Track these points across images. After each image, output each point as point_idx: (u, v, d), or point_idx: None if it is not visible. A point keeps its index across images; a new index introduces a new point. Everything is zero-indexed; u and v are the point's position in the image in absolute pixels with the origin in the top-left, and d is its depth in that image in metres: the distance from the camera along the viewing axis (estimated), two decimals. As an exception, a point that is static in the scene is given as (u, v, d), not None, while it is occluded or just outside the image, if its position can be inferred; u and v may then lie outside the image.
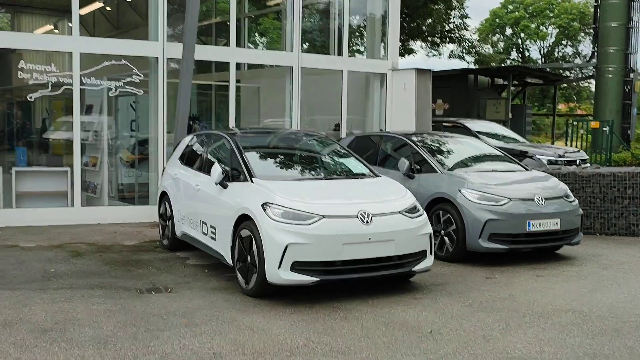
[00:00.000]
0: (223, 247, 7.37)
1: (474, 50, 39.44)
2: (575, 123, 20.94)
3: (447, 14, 28.22)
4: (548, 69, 24.10)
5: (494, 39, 53.82)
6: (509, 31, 53.85)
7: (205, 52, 11.02)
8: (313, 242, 6.35)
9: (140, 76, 11.11)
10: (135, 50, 11.23)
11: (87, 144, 11.54)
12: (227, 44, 12.78)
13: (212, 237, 7.67)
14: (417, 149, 9.54)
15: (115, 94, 11.11)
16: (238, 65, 12.61)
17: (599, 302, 6.60)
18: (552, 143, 22.56)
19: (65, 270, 7.94)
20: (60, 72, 10.82)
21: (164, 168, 9.69)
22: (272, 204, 6.59)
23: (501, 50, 52.65)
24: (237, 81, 16.58)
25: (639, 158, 19.25)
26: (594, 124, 19.66)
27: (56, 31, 19.44)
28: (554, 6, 52.59)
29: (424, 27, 27.72)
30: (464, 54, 39.80)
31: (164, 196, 9.37)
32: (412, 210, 7.02)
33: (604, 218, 10.93)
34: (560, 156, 13.24)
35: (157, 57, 11.17)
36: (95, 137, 11.53)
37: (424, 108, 12.86)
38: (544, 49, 54.06)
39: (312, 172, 7.67)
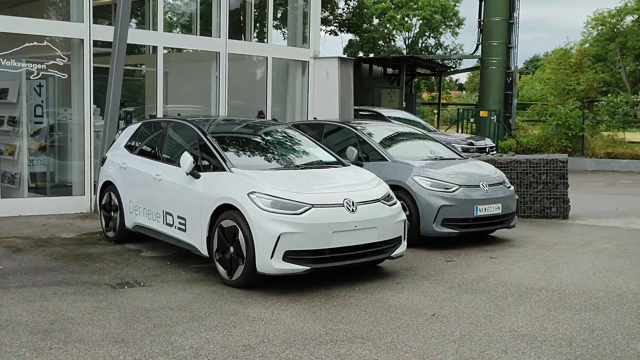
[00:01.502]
0: (195, 238, 7.21)
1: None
2: (461, 111, 22.09)
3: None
4: (440, 61, 25.24)
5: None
6: (375, 21, 55.57)
7: (132, 36, 10.56)
8: (305, 231, 6.38)
9: (64, 59, 10.49)
10: (58, 31, 10.58)
11: (2, 130, 10.76)
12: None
13: (179, 229, 7.46)
14: (363, 137, 9.76)
15: (37, 77, 10.42)
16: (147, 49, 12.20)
17: (562, 281, 7.13)
18: (446, 130, 23.69)
19: (15, 267, 7.44)
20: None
21: (104, 157, 9.25)
22: (259, 193, 6.54)
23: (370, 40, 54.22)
24: (141, 65, 16.07)
25: (522, 145, 20.72)
26: (483, 113, 20.88)
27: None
28: (416, -2, 54.80)
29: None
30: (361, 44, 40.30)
31: (107, 186, 8.97)
32: (388, 198, 7.23)
33: (520, 202, 11.70)
34: (471, 144, 13.97)
35: (83, 39, 10.58)
36: (12, 123, 10.75)
37: (346, 96, 13.11)
38: (408, 40, 56.28)
39: (288, 162, 7.65)
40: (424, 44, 56.73)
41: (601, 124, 22.02)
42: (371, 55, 38.01)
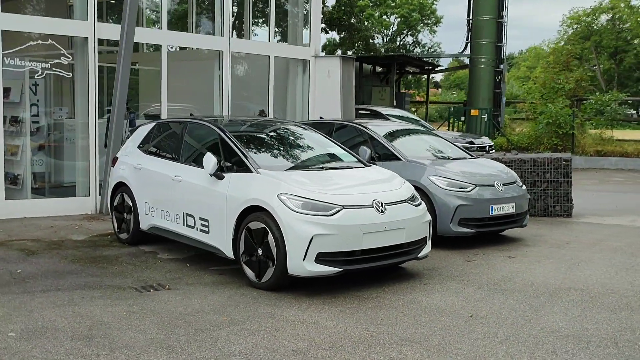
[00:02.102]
0: (219, 240, 7.12)
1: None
2: (452, 109, 22.20)
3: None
4: (430, 59, 25.35)
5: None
6: (353, 19, 55.63)
7: (136, 34, 10.39)
8: (337, 232, 6.33)
9: (69, 58, 10.31)
10: (62, 29, 10.38)
11: (6, 131, 10.53)
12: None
13: (202, 230, 7.37)
14: (375, 137, 9.72)
15: (41, 76, 10.23)
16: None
17: (586, 280, 7.17)
18: (437, 128, 23.69)
19: (34, 271, 7.29)
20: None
21: (115, 157, 9.10)
22: (290, 194, 6.48)
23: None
24: (134, 64, 15.88)
25: (513, 143, 20.86)
26: (474, 112, 21.00)
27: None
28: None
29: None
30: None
31: (119, 187, 8.84)
32: (414, 198, 7.21)
33: (525, 200, 11.77)
34: (471, 143, 14.02)
35: (87, 38, 10.39)
36: (14, 123, 10.53)
37: (348, 95, 13.07)
38: (385, 38, 56.44)
39: (312, 162, 7.59)
40: (402, 42, 57.01)
41: (589, 122, 22.26)
42: (349, 53, 38.06)
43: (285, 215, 6.36)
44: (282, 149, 7.85)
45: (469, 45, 23.66)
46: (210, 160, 7.10)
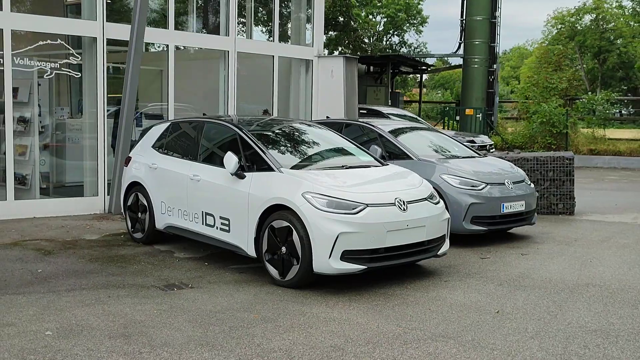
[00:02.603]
0: (241, 238, 7.17)
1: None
2: (446, 109, 22.38)
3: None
4: (423, 59, 25.54)
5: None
6: (340, 19, 55.71)
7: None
8: (362, 230, 6.41)
9: (77, 57, 10.31)
10: (71, 29, 10.37)
11: (15, 130, 10.50)
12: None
13: (222, 229, 7.41)
14: (385, 135, 9.81)
15: (50, 76, 10.21)
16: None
17: (602, 276, 7.30)
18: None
19: (53, 270, 7.31)
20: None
21: (128, 157, 9.11)
22: (314, 193, 6.55)
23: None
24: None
25: (508, 142, 21.07)
26: (469, 111, 21.18)
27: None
28: (382, -4, 55.15)
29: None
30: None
31: (133, 187, 8.85)
32: (433, 196, 7.31)
33: (528, 199, 11.91)
34: (472, 142, 14.16)
35: (96, 37, 10.39)
36: (22, 123, 10.51)
37: (351, 95, 13.15)
38: (372, 38, 56.61)
39: (331, 161, 7.65)
40: (388, 42, 57.22)
41: (582, 122, 22.52)
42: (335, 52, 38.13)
43: (311, 214, 6.43)
44: (300, 148, 7.91)
45: (462, 45, 23.84)
46: (231, 159, 7.14)
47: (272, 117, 12.16)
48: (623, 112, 36.22)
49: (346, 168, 7.46)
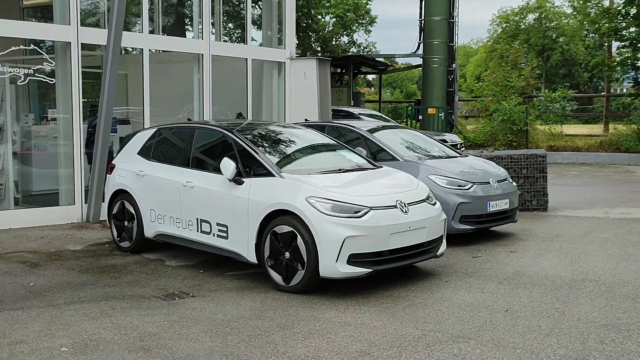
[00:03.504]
0: (240, 245, 7.10)
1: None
2: (409, 108, 22.59)
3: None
4: (383, 59, 25.71)
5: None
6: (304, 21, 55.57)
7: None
8: (367, 233, 6.42)
9: (51, 63, 10.02)
10: (44, 34, 10.08)
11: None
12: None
13: (219, 236, 7.32)
14: (369, 137, 9.84)
15: (24, 82, 9.90)
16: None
17: (594, 271, 7.47)
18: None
19: (46, 283, 7.10)
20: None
21: (112, 165, 8.91)
22: (318, 197, 6.52)
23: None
24: (99, 67, 15.53)
25: (470, 140, 21.39)
26: (431, 110, 21.43)
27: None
28: (330, -4, 55.26)
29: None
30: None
31: (118, 194, 8.67)
32: (430, 198, 7.37)
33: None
34: (444, 141, 14.31)
35: (70, 42, 10.12)
36: (-6, 131, 10.17)
37: (325, 97, 13.15)
38: (320, 39, 56.73)
39: (328, 165, 7.61)
40: (337, 42, 57.42)
41: (540, 119, 23.05)
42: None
43: (316, 219, 6.41)
44: (296, 152, 7.87)
45: (421, 45, 24.10)
46: (229, 165, 7.06)
47: (251, 120, 12.06)
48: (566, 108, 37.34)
49: (343, 171, 7.45)
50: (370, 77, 69.42)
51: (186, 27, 20.62)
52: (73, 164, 10.33)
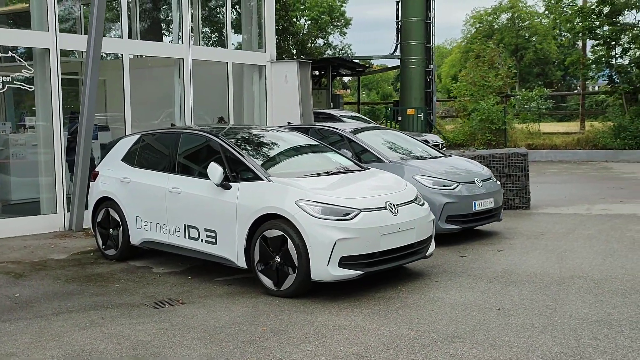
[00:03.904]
0: (229, 250, 7.05)
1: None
2: (389, 110, 22.64)
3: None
4: (359, 61, 25.76)
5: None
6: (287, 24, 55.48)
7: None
8: (358, 236, 6.41)
9: (30, 70, 9.88)
10: (22, 41, 9.93)
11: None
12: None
13: (208, 242, 7.26)
14: (353, 139, 9.84)
15: (3, 90, 9.74)
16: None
17: (581, 268, 7.52)
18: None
19: (32, 294, 6.99)
20: None
21: (95, 172, 8.80)
22: (308, 200, 6.50)
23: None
24: (75, 73, 15.36)
25: (449, 140, 21.51)
26: (411, 111, 21.50)
27: None
28: (305, -1, 55.28)
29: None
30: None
31: (103, 202, 8.57)
32: (418, 198, 7.38)
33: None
34: (426, 141, 14.36)
35: (48, 49, 9.99)
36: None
37: (306, 99, 13.13)
38: (298, 41, 56.70)
39: (315, 167, 7.59)
40: (313, 45, 57.45)
41: (517, 118, 23.24)
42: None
43: (306, 222, 6.38)
44: (283, 155, 7.84)
45: (398, 46, 24.17)
46: (216, 170, 7.00)
47: (233, 124, 12.00)
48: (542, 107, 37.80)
49: (331, 174, 7.43)
50: (346, 79, 69.64)
51: (163, 31, 20.52)
52: (54, 172, 10.20)
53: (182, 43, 11.89)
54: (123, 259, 8.43)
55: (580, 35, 24.64)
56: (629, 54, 23.22)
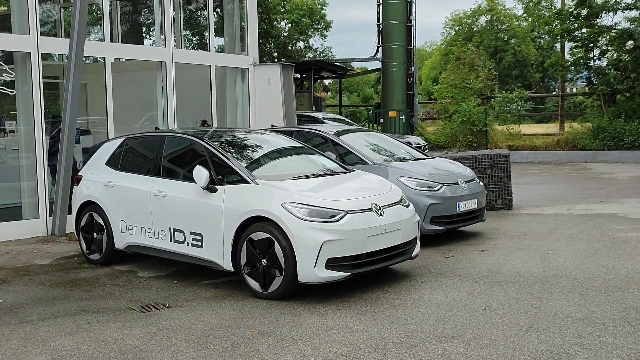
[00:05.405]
0: (216, 253, 7.05)
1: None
2: (370, 112, 22.73)
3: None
4: (345, 64, 25.82)
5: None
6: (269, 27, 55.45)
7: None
8: (344, 237, 6.44)
9: (11, 74, 9.81)
10: (3, 45, 9.85)
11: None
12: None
13: (194, 245, 7.25)
14: (337, 141, 9.88)
15: (-17, 95, 9.67)
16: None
17: (564, 267, 7.60)
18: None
19: (16, 300, 6.94)
20: None
21: (78, 176, 8.75)
22: (295, 203, 6.52)
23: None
24: (56, 77, 15.26)
25: (431, 142, 21.63)
26: (392, 113, 21.60)
27: None
28: (285, 2, 55.36)
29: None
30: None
31: (87, 206, 8.52)
32: (403, 200, 7.43)
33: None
34: (409, 143, 14.43)
35: (30, 52, 9.92)
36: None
37: (289, 102, 13.15)
38: (280, 44, 56.72)
39: (301, 170, 7.60)
40: (294, 47, 57.51)
41: (497, 119, 23.44)
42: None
43: (293, 224, 6.40)
44: (268, 158, 7.85)
45: (380, 49, 24.28)
46: (202, 173, 7.00)
47: (216, 127, 11.99)
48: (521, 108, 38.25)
49: (317, 176, 7.45)
50: (326, 81, 69.70)
51: (144, 35, 20.43)
52: (36, 177, 10.12)
53: (165, 46, 11.86)
54: (107, 263, 8.39)
55: (558, 37, 24.91)
56: (607, 55, 23.53)
